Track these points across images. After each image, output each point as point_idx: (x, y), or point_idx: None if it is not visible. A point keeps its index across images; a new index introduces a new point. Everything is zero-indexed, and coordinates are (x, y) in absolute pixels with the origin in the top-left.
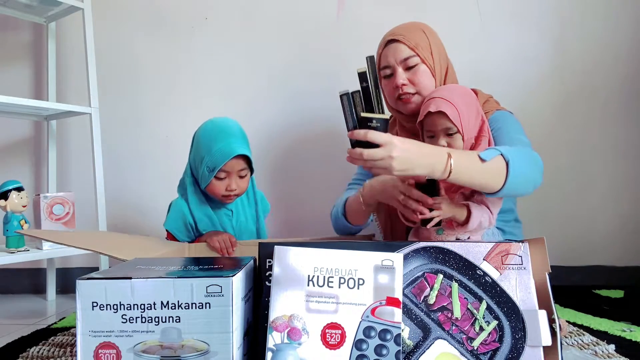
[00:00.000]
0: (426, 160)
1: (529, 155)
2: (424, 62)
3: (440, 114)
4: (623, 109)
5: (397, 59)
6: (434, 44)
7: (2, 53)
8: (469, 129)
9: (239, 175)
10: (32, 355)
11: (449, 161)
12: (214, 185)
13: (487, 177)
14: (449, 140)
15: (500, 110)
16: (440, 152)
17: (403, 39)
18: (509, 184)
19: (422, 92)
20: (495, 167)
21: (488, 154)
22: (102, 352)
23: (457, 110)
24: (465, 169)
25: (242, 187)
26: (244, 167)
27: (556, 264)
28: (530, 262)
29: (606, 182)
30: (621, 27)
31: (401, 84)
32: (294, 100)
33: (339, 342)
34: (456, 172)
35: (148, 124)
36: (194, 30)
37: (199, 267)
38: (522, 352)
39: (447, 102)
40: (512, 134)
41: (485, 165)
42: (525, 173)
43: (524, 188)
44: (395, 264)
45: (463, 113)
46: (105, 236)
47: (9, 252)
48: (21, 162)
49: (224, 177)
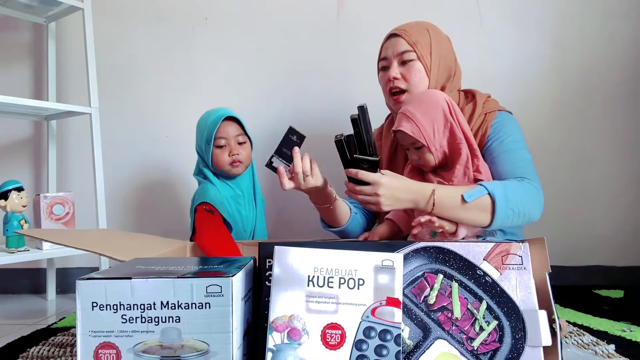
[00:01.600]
0: (411, 196)
1: (523, 189)
2: (420, 60)
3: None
4: (623, 109)
5: (394, 52)
6: (437, 45)
7: (2, 53)
8: (434, 141)
9: (237, 142)
10: (32, 355)
11: (432, 198)
12: (218, 155)
13: (473, 214)
14: (418, 153)
15: (501, 111)
16: (424, 189)
17: (404, 34)
18: (498, 220)
19: (412, 90)
20: (480, 205)
21: (472, 194)
22: (102, 352)
23: (418, 125)
24: (448, 205)
25: (244, 154)
26: (240, 132)
27: (556, 264)
28: (531, 262)
29: (606, 182)
30: (621, 27)
31: (393, 77)
32: (294, 100)
33: (339, 342)
34: (439, 207)
35: (148, 124)
36: (194, 30)
37: (199, 267)
38: (522, 352)
39: (408, 118)
40: (516, 151)
41: (470, 204)
42: (516, 209)
43: (517, 221)
44: (396, 264)
45: (424, 127)
46: (105, 235)
47: (9, 252)
48: (21, 162)
49: (223, 144)
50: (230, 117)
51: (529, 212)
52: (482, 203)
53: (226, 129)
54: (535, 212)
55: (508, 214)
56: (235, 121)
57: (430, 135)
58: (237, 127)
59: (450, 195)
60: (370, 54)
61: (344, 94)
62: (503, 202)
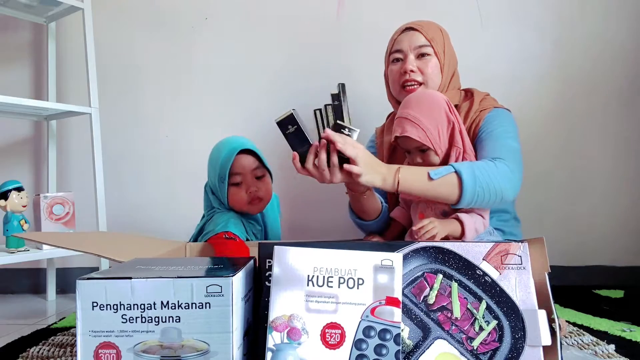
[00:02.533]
0: (382, 169)
1: (494, 168)
2: (437, 56)
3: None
4: (623, 108)
5: (412, 45)
6: (447, 45)
7: (2, 53)
8: (439, 143)
9: (254, 176)
10: (32, 355)
11: (397, 175)
12: (234, 194)
13: (440, 191)
14: (423, 156)
15: (497, 108)
16: (391, 166)
17: (421, 29)
18: (466, 197)
19: (428, 84)
20: (447, 181)
21: (438, 172)
22: (102, 352)
23: (424, 129)
24: (414, 182)
25: (264, 188)
26: (257, 166)
27: (556, 264)
28: (530, 262)
29: (606, 182)
30: (621, 27)
31: (410, 70)
32: (294, 100)
33: (338, 341)
34: (404, 185)
35: (148, 124)
36: (194, 30)
37: (199, 267)
38: (521, 352)
39: (412, 123)
40: (500, 139)
41: (436, 182)
42: (486, 186)
43: (489, 199)
44: (395, 264)
45: (430, 130)
46: (104, 237)
47: (9, 252)
48: (21, 162)
49: (240, 181)
50: (245, 150)
51: (500, 190)
52: (449, 180)
53: (240, 162)
54: (507, 190)
55: (477, 190)
56: (251, 153)
57: (436, 138)
58: (253, 160)
59: (416, 173)
60: (370, 53)
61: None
62: (470, 179)
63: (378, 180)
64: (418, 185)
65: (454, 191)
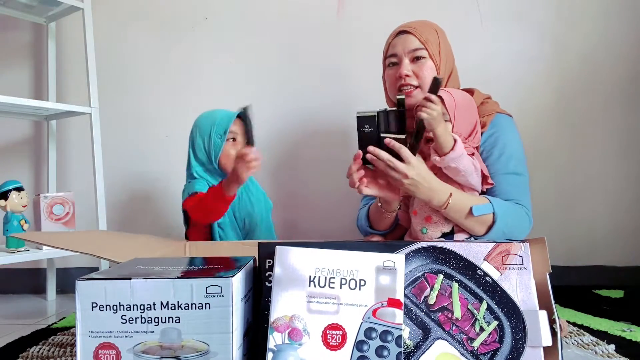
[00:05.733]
0: (429, 193)
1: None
2: (432, 58)
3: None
4: (623, 109)
5: (406, 49)
6: (443, 45)
7: (2, 53)
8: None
9: (246, 141)
10: (32, 355)
11: (449, 199)
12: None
13: (474, 224)
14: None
15: (499, 113)
16: (444, 191)
17: (415, 32)
18: (489, 236)
19: (424, 87)
20: (482, 220)
21: (480, 209)
22: (101, 352)
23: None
24: (459, 210)
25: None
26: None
27: (556, 264)
28: (531, 262)
29: (606, 182)
30: (621, 27)
31: (405, 74)
32: (294, 100)
33: (339, 343)
34: (450, 210)
35: (148, 124)
36: (194, 30)
37: (199, 267)
38: (522, 352)
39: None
40: (515, 169)
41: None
42: (507, 232)
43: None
44: (397, 265)
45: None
46: (103, 236)
47: (9, 252)
48: (21, 162)
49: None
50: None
51: (515, 236)
52: (485, 218)
53: (238, 125)
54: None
55: (499, 234)
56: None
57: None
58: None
59: (462, 204)
60: (370, 53)
61: (344, 93)
62: (501, 224)
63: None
64: (460, 214)
65: (483, 228)
